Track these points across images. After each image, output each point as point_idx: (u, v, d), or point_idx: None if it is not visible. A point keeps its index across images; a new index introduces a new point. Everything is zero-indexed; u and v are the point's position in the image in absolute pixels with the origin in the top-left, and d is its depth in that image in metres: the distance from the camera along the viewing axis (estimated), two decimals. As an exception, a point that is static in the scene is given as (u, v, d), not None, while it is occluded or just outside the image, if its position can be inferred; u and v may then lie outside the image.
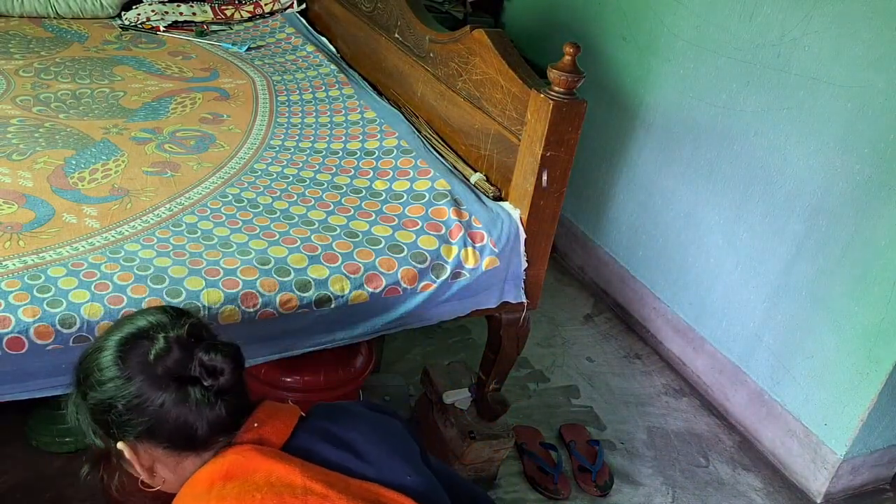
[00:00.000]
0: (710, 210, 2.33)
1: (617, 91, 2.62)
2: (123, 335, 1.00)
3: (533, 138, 1.60)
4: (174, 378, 0.97)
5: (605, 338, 2.63)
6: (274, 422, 1.03)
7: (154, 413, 0.97)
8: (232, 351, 1.01)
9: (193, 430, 0.98)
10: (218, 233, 1.56)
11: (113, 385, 0.97)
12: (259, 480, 0.94)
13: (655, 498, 2.03)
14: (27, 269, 1.37)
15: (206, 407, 0.98)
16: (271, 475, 0.94)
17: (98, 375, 0.98)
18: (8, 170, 1.69)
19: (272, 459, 0.96)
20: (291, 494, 0.93)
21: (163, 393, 0.96)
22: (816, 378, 2.07)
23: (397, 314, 1.58)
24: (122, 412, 0.97)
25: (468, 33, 1.82)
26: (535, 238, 1.69)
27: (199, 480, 0.97)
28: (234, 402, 1.01)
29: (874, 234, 1.87)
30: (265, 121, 2.09)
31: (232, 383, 1.00)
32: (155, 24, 2.68)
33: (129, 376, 0.97)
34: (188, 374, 0.98)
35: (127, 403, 0.96)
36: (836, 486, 2.09)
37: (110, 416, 0.98)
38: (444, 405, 1.91)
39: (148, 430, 0.98)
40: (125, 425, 0.98)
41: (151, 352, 0.97)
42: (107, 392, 0.97)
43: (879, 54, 1.80)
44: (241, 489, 0.93)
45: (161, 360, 0.97)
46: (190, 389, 0.97)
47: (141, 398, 0.96)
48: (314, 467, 0.98)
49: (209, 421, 0.99)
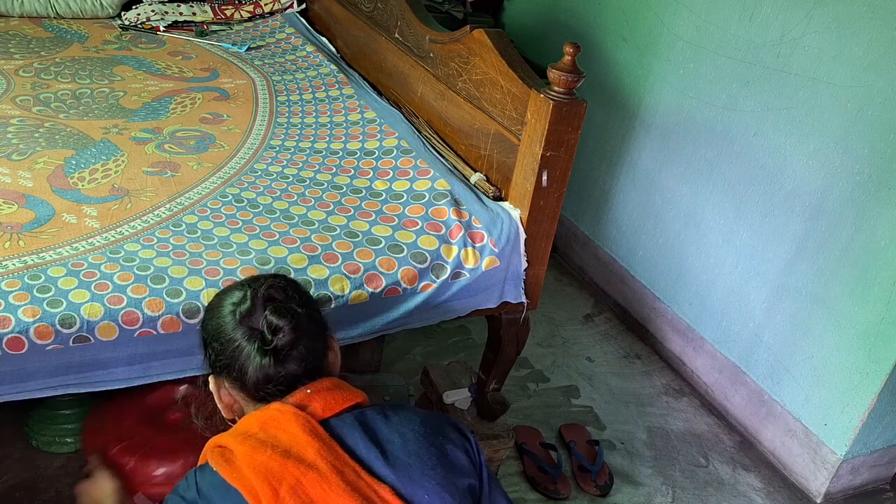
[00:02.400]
0: (710, 210, 2.33)
1: (617, 91, 2.62)
2: (240, 283, 1.18)
3: (533, 138, 1.60)
4: (248, 327, 1.11)
5: (604, 338, 2.63)
6: (327, 395, 1.12)
7: (231, 354, 1.11)
8: (295, 317, 1.12)
9: (246, 376, 1.11)
10: (218, 233, 1.56)
11: (217, 322, 1.14)
12: (281, 440, 1.04)
13: (655, 498, 2.03)
14: (27, 269, 1.37)
15: (260, 359, 1.10)
16: (293, 440, 1.04)
17: (216, 311, 1.15)
18: (8, 170, 1.69)
19: (300, 427, 1.05)
20: (296, 464, 1.01)
21: (238, 339, 1.11)
22: (816, 378, 2.07)
23: (397, 314, 1.58)
24: (217, 347, 1.13)
25: (468, 33, 1.82)
26: (535, 238, 1.69)
27: (246, 420, 1.10)
28: (291, 365, 1.12)
29: (874, 234, 1.87)
30: (265, 121, 2.09)
31: (289, 344, 1.11)
32: (155, 24, 2.68)
33: (227, 319, 1.13)
34: (256, 327, 1.11)
35: (221, 341, 1.13)
36: (835, 486, 2.10)
37: (211, 348, 1.15)
38: (444, 405, 1.91)
39: (225, 368, 1.13)
40: (215, 359, 1.14)
41: (241, 304, 1.13)
42: (214, 325, 1.15)
43: (879, 54, 1.80)
44: (261, 441, 1.04)
45: (242, 310, 1.12)
46: (255, 341, 1.10)
47: (227, 338, 1.12)
48: (335, 449, 1.04)
49: (259, 371, 1.10)
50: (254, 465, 1.01)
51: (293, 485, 0.99)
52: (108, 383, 1.39)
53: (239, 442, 1.04)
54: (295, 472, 1.00)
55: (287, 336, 1.11)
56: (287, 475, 1.00)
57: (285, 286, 1.18)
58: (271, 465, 1.01)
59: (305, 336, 1.13)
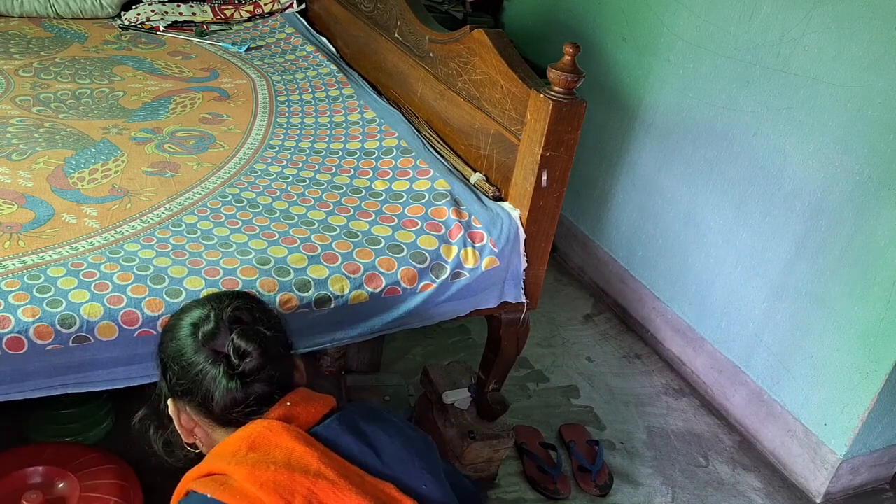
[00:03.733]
0: (710, 210, 2.33)
1: (617, 91, 2.62)
2: (196, 304, 1.17)
3: (533, 138, 1.60)
4: (212, 351, 1.09)
5: (604, 338, 2.63)
6: (306, 405, 1.11)
7: (193, 378, 1.09)
8: (263, 341, 1.10)
9: (212, 401, 1.09)
10: (218, 233, 1.56)
11: (178, 344, 1.12)
12: (278, 456, 1.01)
13: (655, 498, 2.03)
14: (27, 269, 1.37)
15: (226, 383, 1.08)
16: (290, 453, 1.02)
17: (176, 332, 1.13)
18: (8, 170, 1.69)
19: (295, 439, 1.04)
20: (303, 475, 1.00)
21: (201, 363, 1.09)
22: (816, 378, 2.07)
23: (397, 314, 1.58)
24: (177, 370, 1.11)
25: (468, 33, 1.82)
26: (534, 238, 1.69)
27: (228, 444, 1.06)
28: (258, 388, 1.10)
29: (874, 234, 1.87)
30: (265, 121, 2.09)
31: (257, 368, 1.09)
32: (155, 24, 2.68)
33: (187, 342, 1.11)
34: (221, 350, 1.09)
35: (181, 364, 1.10)
36: (835, 486, 2.10)
37: (171, 370, 1.12)
38: (444, 405, 1.91)
39: (187, 392, 1.10)
40: (175, 382, 1.11)
41: (203, 325, 1.11)
42: (174, 347, 1.12)
43: (879, 54, 1.80)
44: (259, 460, 1.01)
45: (205, 332, 1.10)
46: (221, 365, 1.08)
47: (188, 361, 1.10)
48: (333, 456, 1.04)
49: (227, 396, 1.08)
50: (260, 483, 0.98)
51: (306, 495, 0.98)
52: (108, 383, 1.39)
53: (234, 465, 1.01)
54: (305, 483, 0.99)
55: (255, 361, 1.08)
56: (298, 486, 0.99)
57: (251, 307, 1.16)
58: (279, 479, 0.99)
59: (272, 360, 1.11)
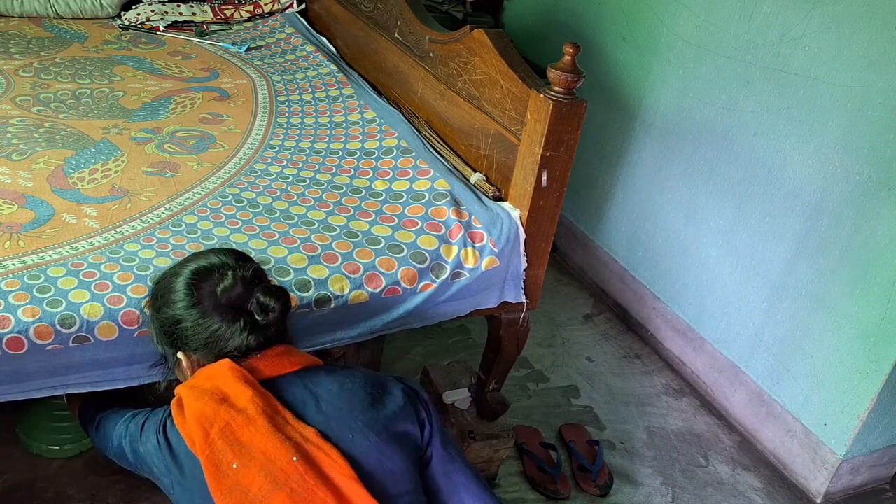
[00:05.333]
0: (710, 210, 2.33)
1: (617, 91, 2.62)
2: (198, 266, 1.21)
3: (533, 138, 1.60)
4: (234, 309, 1.18)
5: (604, 338, 2.63)
6: (274, 358, 1.21)
7: (212, 333, 1.18)
8: (283, 295, 1.22)
9: (225, 348, 1.19)
10: (218, 233, 1.56)
11: (182, 306, 1.18)
12: (221, 390, 1.14)
13: (655, 498, 2.03)
14: (27, 269, 1.37)
15: (246, 334, 1.18)
16: (227, 388, 1.14)
17: (172, 296, 1.20)
18: (8, 170, 1.69)
19: (238, 381, 1.15)
20: (227, 408, 1.12)
21: (222, 319, 1.18)
22: (816, 378, 2.07)
23: (397, 314, 1.58)
24: (188, 328, 1.18)
25: (468, 33, 1.82)
26: (534, 238, 1.69)
27: (197, 374, 1.19)
28: (268, 336, 1.21)
29: (874, 234, 1.87)
30: (265, 121, 2.09)
31: (276, 322, 1.21)
32: (155, 24, 2.68)
33: (198, 301, 1.18)
34: (245, 308, 1.19)
35: (193, 323, 1.18)
36: (835, 485, 2.09)
37: (177, 330, 1.20)
38: (444, 405, 1.91)
39: (204, 345, 1.19)
40: (187, 339, 1.20)
41: (221, 285, 1.18)
42: (177, 311, 1.19)
43: (879, 54, 1.80)
44: (203, 391, 1.14)
45: (227, 293, 1.18)
46: (243, 319, 1.18)
47: (205, 320, 1.18)
48: (269, 398, 1.14)
49: (240, 345, 1.19)
50: (192, 411, 1.13)
51: (222, 427, 1.10)
52: (108, 383, 1.39)
53: (186, 393, 1.16)
54: (225, 416, 1.11)
55: (278, 314, 1.20)
56: (217, 419, 1.11)
57: (257, 266, 1.25)
58: (206, 410, 1.12)
59: (286, 312, 1.23)
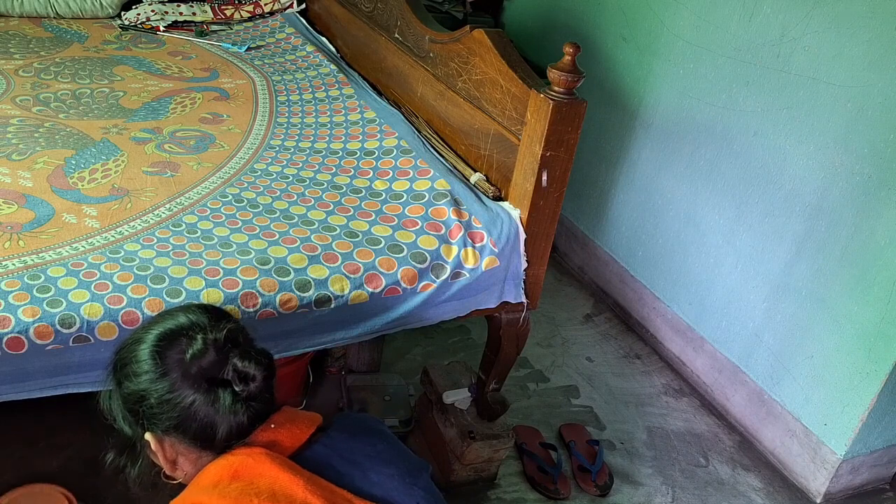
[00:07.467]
0: (710, 210, 2.33)
1: (617, 91, 2.62)
2: (163, 330, 1.03)
3: (533, 138, 1.60)
4: (207, 379, 1.00)
5: (604, 338, 2.63)
6: (291, 427, 1.05)
7: (183, 410, 0.99)
8: (265, 359, 1.04)
9: (215, 430, 1.01)
10: (218, 233, 1.56)
11: (147, 378, 1.00)
12: (262, 486, 0.95)
13: (655, 498, 2.03)
14: (27, 269, 1.37)
15: (231, 411, 1.00)
16: (275, 483, 0.96)
17: (134, 367, 1.02)
18: (8, 170, 1.69)
19: (279, 467, 0.98)
20: None
21: (194, 392, 0.99)
22: (816, 378, 2.07)
23: (397, 314, 1.58)
24: (154, 405, 1.00)
25: (468, 33, 1.82)
26: (534, 238, 1.69)
27: (208, 474, 0.99)
28: (258, 409, 1.04)
29: (874, 234, 1.87)
30: (265, 121, 2.09)
31: (261, 391, 1.03)
32: (155, 24, 2.68)
33: (165, 372, 1.00)
34: (221, 377, 1.01)
35: (159, 398, 1.00)
36: (835, 485, 2.10)
37: (142, 408, 1.01)
38: (444, 405, 1.91)
39: (176, 426, 1.01)
40: (155, 418, 1.01)
41: (189, 351, 1.00)
42: (141, 384, 1.01)
43: (879, 54, 1.80)
44: (243, 491, 0.95)
45: (197, 360, 1.00)
46: (220, 392, 1.00)
47: (173, 394, 0.99)
48: (319, 481, 0.99)
49: (231, 424, 1.01)
50: None
51: None
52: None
53: (217, 496, 0.95)
54: None
55: (260, 382, 1.02)
56: None
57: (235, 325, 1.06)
58: None
59: (271, 378, 1.05)
